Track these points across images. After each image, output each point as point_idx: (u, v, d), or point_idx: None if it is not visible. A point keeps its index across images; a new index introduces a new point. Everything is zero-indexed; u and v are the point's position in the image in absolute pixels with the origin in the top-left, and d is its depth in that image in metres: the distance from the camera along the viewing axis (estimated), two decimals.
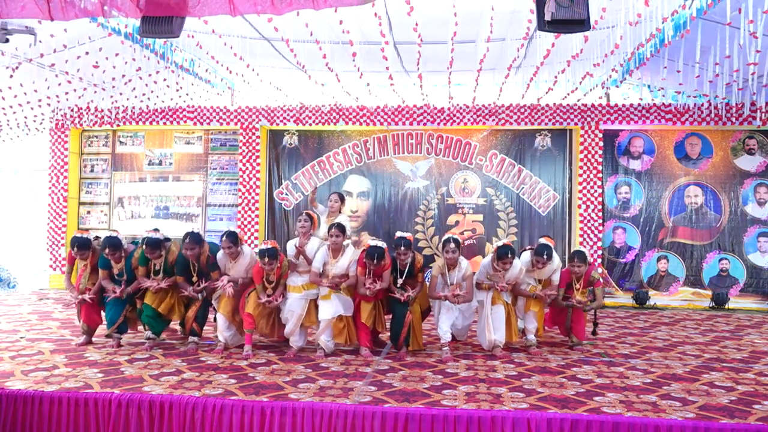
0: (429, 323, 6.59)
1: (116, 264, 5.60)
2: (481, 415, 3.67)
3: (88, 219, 10.37)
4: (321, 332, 5.35)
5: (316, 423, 3.70)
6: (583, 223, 9.17)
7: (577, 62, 6.87)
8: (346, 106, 9.59)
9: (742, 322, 7.81)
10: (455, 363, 5.14)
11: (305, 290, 5.43)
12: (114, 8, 4.30)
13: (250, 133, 9.86)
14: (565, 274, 5.84)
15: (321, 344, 5.35)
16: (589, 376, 4.77)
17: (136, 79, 8.12)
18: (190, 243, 5.40)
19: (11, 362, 4.85)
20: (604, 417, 3.65)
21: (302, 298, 5.42)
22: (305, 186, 9.96)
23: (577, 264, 5.75)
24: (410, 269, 5.45)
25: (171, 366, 4.83)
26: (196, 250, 5.43)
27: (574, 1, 4.49)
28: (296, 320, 5.39)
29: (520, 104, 9.31)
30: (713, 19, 5.29)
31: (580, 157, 9.28)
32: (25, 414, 3.93)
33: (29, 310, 7.62)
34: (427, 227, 9.76)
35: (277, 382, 4.40)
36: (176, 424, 3.82)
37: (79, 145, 10.46)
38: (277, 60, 7.65)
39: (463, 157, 9.74)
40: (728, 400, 4.12)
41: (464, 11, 5.65)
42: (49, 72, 7.38)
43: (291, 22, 5.70)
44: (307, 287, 5.43)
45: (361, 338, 5.43)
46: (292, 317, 5.38)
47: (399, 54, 7.19)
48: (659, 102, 9.12)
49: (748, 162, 9.20)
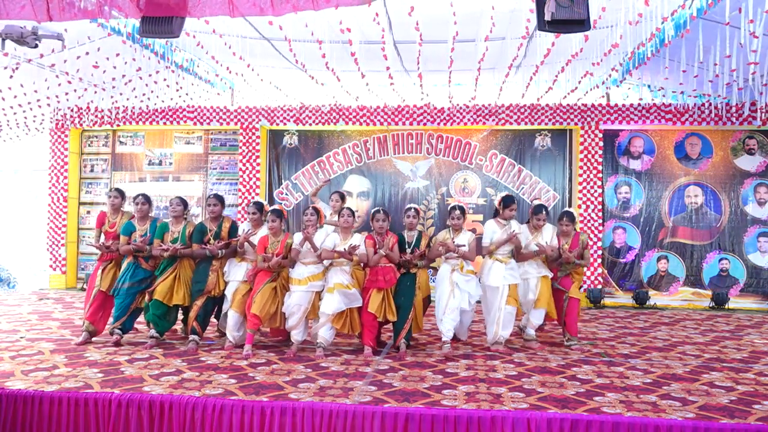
0: (430, 323, 6.60)
1: (141, 226, 5.87)
2: (481, 415, 3.67)
3: (88, 219, 10.37)
4: (320, 326, 5.40)
5: (316, 423, 3.70)
6: (583, 223, 9.17)
7: (577, 62, 6.87)
8: (346, 106, 9.59)
9: (742, 322, 7.81)
10: (455, 363, 5.14)
11: (310, 282, 5.44)
12: (114, 8, 4.31)
13: (250, 133, 9.86)
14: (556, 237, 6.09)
15: (319, 338, 5.37)
16: (589, 376, 4.77)
17: (136, 79, 8.12)
18: (214, 199, 5.85)
19: (11, 362, 4.85)
20: (604, 417, 3.65)
21: (307, 290, 5.44)
22: (305, 186, 9.96)
23: (566, 223, 5.98)
24: (417, 243, 5.69)
25: (171, 366, 4.83)
26: (219, 208, 5.85)
27: (574, 1, 4.48)
28: (302, 314, 5.42)
29: (520, 104, 9.31)
30: (713, 18, 5.29)
31: (580, 157, 9.28)
32: (25, 414, 3.94)
33: (29, 310, 7.62)
34: (427, 227, 9.76)
35: (277, 382, 4.40)
36: (176, 424, 3.82)
37: (79, 145, 10.46)
38: (278, 60, 7.65)
39: (463, 157, 9.74)
40: (728, 400, 4.12)
41: (464, 11, 5.65)
42: (49, 72, 7.38)
43: (291, 21, 5.69)
44: (312, 279, 5.45)
45: (364, 336, 5.47)
46: (299, 311, 5.41)
47: (399, 53, 7.19)
48: (659, 102, 9.13)
49: (748, 162, 9.20)
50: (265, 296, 5.42)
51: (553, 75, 7.85)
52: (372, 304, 5.40)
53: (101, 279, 5.86)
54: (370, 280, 5.50)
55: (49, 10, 4.17)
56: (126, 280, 5.74)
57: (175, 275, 5.70)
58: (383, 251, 5.51)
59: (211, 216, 5.84)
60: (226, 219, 5.93)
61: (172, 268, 5.72)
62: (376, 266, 5.49)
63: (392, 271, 5.55)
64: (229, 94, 10.05)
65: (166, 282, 5.65)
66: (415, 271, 5.67)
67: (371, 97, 9.14)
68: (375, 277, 5.47)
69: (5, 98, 8.05)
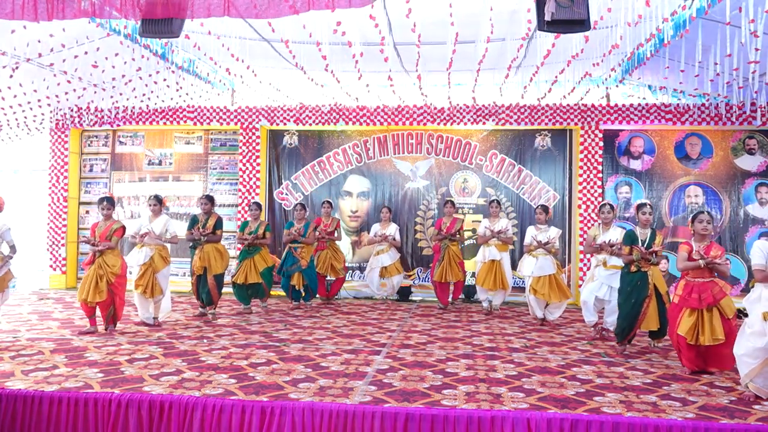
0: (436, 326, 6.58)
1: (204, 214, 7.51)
2: (481, 415, 3.67)
3: (87, 219, 10.37)
4: (369, 271, 9.01)
5: (316, 423, 3.70)
6: (583, 223, 9.17)
7: (577, 62, 6.87)
8: (346, 106, 9.59)
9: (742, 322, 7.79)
10: (455, 363, 5.13)
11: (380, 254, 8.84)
12: (114, 9, 4.31)
13: (250, 133, 9.86)
14: None
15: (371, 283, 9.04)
16: (589, 376, 4.77)
17: (136, 79, 8.11)
18: (204, 198, 7.56)
19: (11, 362, 4.85)
20: (604, 417, 3.65)
21: (382, 255, 8.86)
22: (305, 186, 9.96)
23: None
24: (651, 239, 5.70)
25: (171, 366, 4.83)
26: (209, 206, 7.46)
27: (574, 1, 4.49)
28: (379, 269, 8.86)
29: (520, 104, 9.30)
30: (713, 18, 5.28)
31: (580, 157, 9.28)
32: (25, 414, 3.94)
33: (29, 310, 7.63)
34: (427, 227, 9.76)
35: (277, 382, 4.40)
36: (176, 424, 3.82)
37: (79, 145, 10.46)
38: (277, 60, 7.64)
39: (463, 157, 9.74)
40: (728, 400, 4.12)
41: (464, 11, 5.64)
42: (49, 72, 7.37)
43: (290, 23, 5.69)
44: (379, 253, 8.87)
45: (438, 296, 8.54)
46: (377, 267, 8.87)
47: (399, 54, 7.19)
48: (659, 102, 9.12)
49: (748, 162, 9.19)
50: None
51: (553, 75, 7.85)
52: (435, 273, 8.43)
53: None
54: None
55: (48, 9, 4.16)
56: None
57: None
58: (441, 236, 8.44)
59: (203, 211, 7.48)
60: (213, 215, 7.43)
61: None
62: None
63: None
64: (229, 94, 10.04)
65: None
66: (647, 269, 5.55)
67: (371, 98, 9.13)
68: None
69: (5, 98, 8.04)
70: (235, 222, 9.87)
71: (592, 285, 6.43)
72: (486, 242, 8.07)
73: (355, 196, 9.91)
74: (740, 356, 4.26)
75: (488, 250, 8.05)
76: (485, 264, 8.01)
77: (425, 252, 9.72)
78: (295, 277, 8.13)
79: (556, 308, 7.26)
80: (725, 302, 4.79)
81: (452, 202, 8.64)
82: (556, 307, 7.25)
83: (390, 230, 8.90)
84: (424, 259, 9.73)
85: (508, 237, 8.13)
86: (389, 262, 8.83)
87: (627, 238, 5.67)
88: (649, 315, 5.48)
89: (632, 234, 5.68)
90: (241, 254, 8.03)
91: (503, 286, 8.02)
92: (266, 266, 7.87)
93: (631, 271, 5.55)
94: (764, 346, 4.10)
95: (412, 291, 9.55)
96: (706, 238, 4.97)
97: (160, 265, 6.71)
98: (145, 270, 6.64)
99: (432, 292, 9.32)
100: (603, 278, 6.32)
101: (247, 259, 7.82)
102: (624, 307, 5.55)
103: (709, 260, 4.77)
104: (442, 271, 8.33)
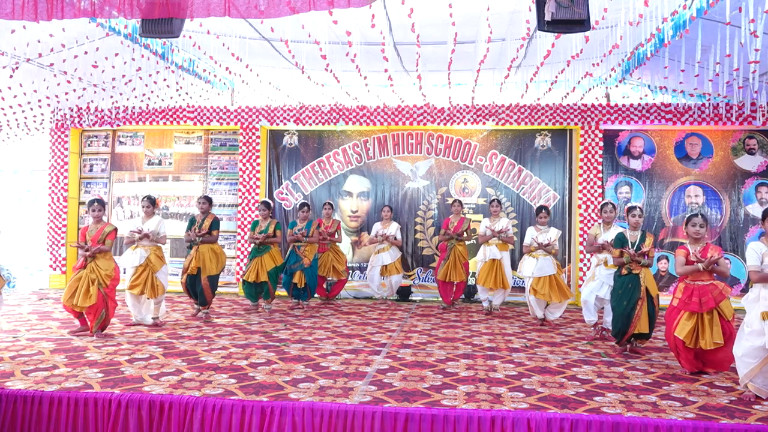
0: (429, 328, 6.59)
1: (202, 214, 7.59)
2: (481, 415, 3.67)
3: (87, 219, 10.35)
4: (370, 270, 9.04)
5: (316, 423, 3.70)
6: (583, 223, 9.17)
7: (577, 62, 6.86)
8: (346, 106, 9.59)
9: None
10: (455, 363, 5.13)
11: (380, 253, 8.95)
12: (114, 9, 4.30)
13: (250, 133, 9.86)
14: None
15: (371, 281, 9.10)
16: (589, 376, 4.76)
17: (136, 79, 8.11)
18: (203, 198, 7.58)
19: (11, 362, 4.85)
20: (604, 417, 3.65)
21: (383, 254, 8.94)
22: (305, 186, 9.96)
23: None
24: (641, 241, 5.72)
25: (171, 366, 4.83)
26: (207, 206, 7.52)
27: (574, 1, 4.49)
28: (380, 268, 8.91)
29: (520, 104, 9.30)
30: (713, 18, 5.28)
31: (580, 157, 9.27)
32: (25, 414, 3.93)
33: (29, 310, 7.63)
34: (427, 227, 9.76)
35: (277, 382, 4.40)
36: (176, 424, 3.82)
37: (79, 145, 10.46)
38: (277, 60, 7.64)
39: (463, 157, 9.74)
40: (728, 400, 4.12)
41: (464, 12, 5.64)
42: (49, 72, 7.37)
43: (290, 22, 5.69)
44: (380, 251, 8.93)
45: (441, 295, 8.57)
46: (378, 265, 8.92)
47: (399, 54, 7.19)
48: (659, 102, 9.12)
49: (748, 162, 9.19)
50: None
51: (553, 75, 7.85)
52: (439, 271, 8.46)
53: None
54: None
55: (48, 9, 4.16)
56: None
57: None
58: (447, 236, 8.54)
59: (201, 211, 7.53)
60: (209, 216, 7.43)
61: None
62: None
63: None
64: (229, 94, 10.05)
65: None
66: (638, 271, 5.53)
67: (371, 98, 9.13)
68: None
69: (5, 98, 8.05)
70: (235, 222, 9.88)
71: (593, 284, 6.45)
72: (487, 241, 8.11)
73: (355, 196, 9.91)
74: (740, 357, 4.25)
75: (489, 249, 8.06)
76: (486, 263, 8.04)
77: (425, 252, 9.72)
78: (297, 275, 8.15)
79: (557, 308, 7.27)
80: (724, 304, 4.78)
81: (460, 201, 8.69)
82: (556, 307, 7.26)
83: (391, 229, 8.96)
84: (424, 259, 9.73)
85: (509, 237, 8.19)
86: (390, 261, 8.86)
87: (617, 241, 5.68)
88: (641, 317, 5.47)
89: (622, 236, 5.69)
90: (251, 253, 8.05)
91: (504, 286, 8.03)
92: (275, 266, 7.89)
93: (622, 274, 5.55)
94: (763, 345, 4.10)
95: (411, 291, 9.55)
96: (701, 241, 4.97)
97: (158, 266, 6.72)
98: (141, 271, 6.62)
99: (432, 292, 9.32)
100: (604, 277, 6.33)
101: (257, 258, 7.86)
102: (617, 309, 5.54)
103: (708, 263, 4.76)
104: (446, 271, 8.35)
